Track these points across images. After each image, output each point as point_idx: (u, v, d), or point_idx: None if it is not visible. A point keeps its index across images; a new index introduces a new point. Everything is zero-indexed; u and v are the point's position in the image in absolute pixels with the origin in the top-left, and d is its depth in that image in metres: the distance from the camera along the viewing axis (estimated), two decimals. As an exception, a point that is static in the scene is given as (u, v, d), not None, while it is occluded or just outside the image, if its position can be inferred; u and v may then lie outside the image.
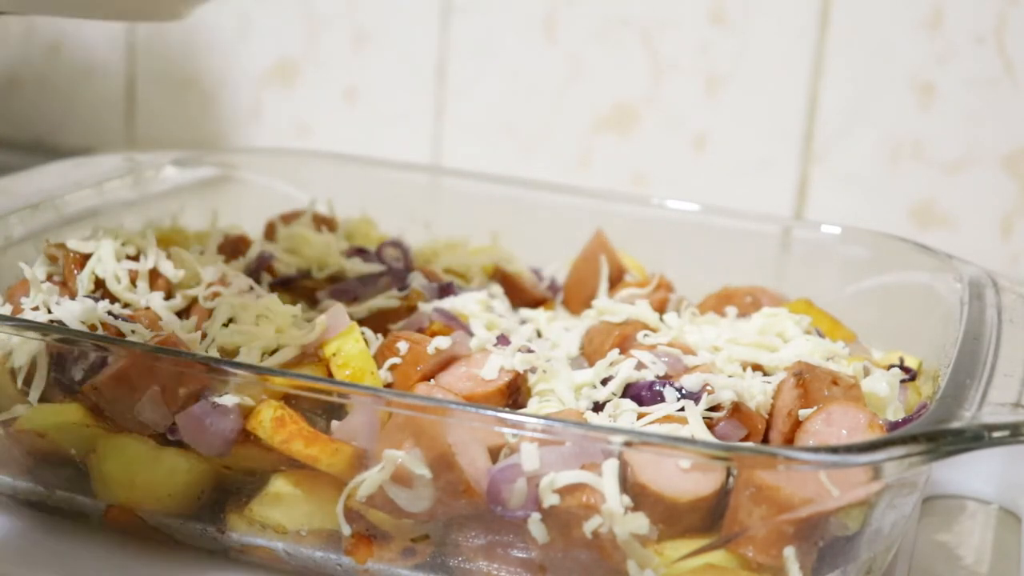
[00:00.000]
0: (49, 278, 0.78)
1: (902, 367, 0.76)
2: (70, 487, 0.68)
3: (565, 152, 1.27)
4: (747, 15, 1.19)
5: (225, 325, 0.74)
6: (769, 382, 0.70)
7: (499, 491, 0.59)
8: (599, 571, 0.59)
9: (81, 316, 0.72)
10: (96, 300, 0.74)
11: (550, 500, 0.58)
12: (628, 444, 0.58)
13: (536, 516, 0.59)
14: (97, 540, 0.68)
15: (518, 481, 0.59)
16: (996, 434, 0.58)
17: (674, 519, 0.59)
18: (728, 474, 0.59)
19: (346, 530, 0.62)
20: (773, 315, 0.80)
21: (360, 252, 0.92)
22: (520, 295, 0.90)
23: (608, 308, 0.79)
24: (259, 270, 0.87)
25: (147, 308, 0.76)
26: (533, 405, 0.70)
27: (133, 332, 0.72)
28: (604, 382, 0.70)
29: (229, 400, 0.64)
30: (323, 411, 0.65)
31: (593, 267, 0.91)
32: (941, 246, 0.90)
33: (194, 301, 0.79)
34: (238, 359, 0.71)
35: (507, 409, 0.67)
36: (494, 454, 0.62)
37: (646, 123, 1.24)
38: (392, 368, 0.72)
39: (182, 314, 0.78)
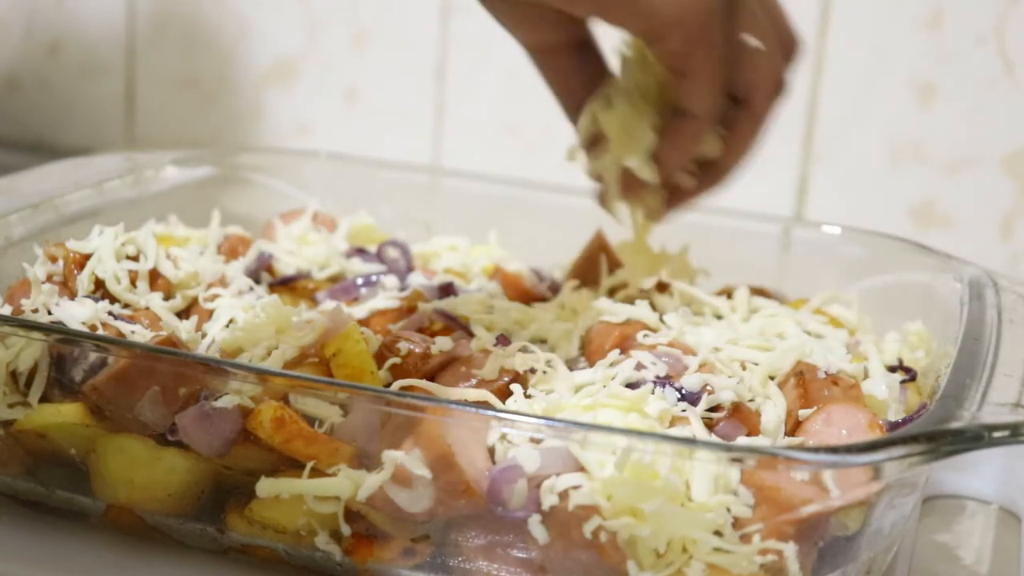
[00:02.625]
0: (49, 278, 0.78)
1: (902, 367, 0.76)
2: (70, 487, 0.68)
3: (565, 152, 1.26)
4: (747, 15, 1.19)
5: (226, 326, 0.74)
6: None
7: (499, 491, 0.59)
8: (599, 571, 0.58)
9: (81, 316, 0.72)
10: (96, 300, 0.75)
11: (550, 501, 0.58)
12: (628, 444, 0.58)
13: (536, 517, 0.59)
14: (97, 540, 0.68)
15: (518, 482, 0.59)
16: (996, 434, 0.57)
17: (674, 519, 0.59)
18: (728, 474, 0.59)
19: (346, 530, 0.62)
20: (773, 315, 0.80)
21: (360, 252, 0.92)
22: (520, 295, 0.89)
23: (608, 308, 0.79)
24: (259, 270, 0.87)
25: (147, 308, 0.77)
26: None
27: (133, 332, 0.72)
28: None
29: (229, 400, 0.64)
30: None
31: (593, 267, 0.91)
32: (941, 246, 0.90)
33: (194, 301, 0.79)
34: (238, 359, 0.71)
35: (507, 409, 0.67)
36: (494, 454, 0.62)
37: (646, 123, 1.23)
38: (392, 368, 0.72)
39: (182, 314, 0.78)
